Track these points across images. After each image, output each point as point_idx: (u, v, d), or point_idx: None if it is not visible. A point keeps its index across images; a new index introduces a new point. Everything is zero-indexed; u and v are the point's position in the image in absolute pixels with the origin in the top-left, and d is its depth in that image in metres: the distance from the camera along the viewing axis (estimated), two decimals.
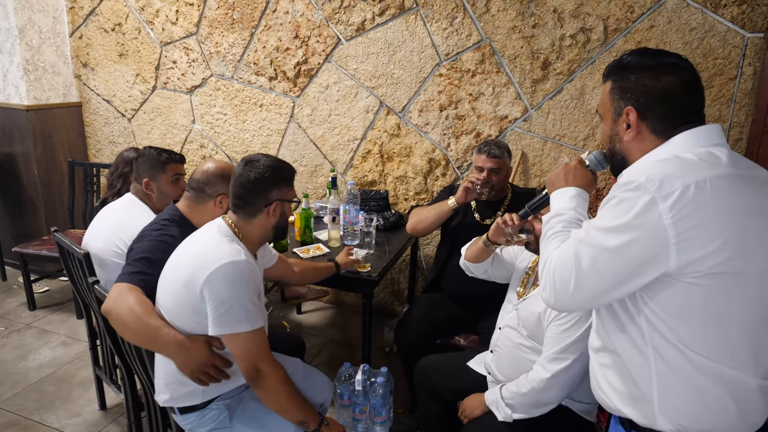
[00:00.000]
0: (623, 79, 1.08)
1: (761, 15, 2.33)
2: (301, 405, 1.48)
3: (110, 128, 3.89)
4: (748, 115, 2.44)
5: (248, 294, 1.39)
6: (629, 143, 1.07)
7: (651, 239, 0.92)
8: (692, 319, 0.96)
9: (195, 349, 1.39)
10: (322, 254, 2.35)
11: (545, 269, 1.05)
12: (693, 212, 0.91)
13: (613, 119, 1.10)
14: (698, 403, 0.98)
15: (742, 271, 0.94)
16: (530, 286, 1.79)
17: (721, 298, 0.94)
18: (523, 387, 1.53)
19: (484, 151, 2.25)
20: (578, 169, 1.21)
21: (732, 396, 0.97)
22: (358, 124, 3.15)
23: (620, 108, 1.08)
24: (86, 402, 2.49)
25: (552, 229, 1.12)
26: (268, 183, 1.47)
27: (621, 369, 1.06)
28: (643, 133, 1.05)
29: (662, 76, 1.04)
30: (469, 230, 2.34)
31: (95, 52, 3.74)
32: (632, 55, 1.08)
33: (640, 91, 1.05)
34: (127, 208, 2.06)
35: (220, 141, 3.55)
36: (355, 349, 2.97)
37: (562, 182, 1.20)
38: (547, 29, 2.65)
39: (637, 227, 0.93)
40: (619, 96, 1.08)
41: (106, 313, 1.50)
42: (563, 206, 1.15)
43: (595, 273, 0.97)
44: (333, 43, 3.08)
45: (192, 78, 3.50)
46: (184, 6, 3.36)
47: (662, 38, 2.48)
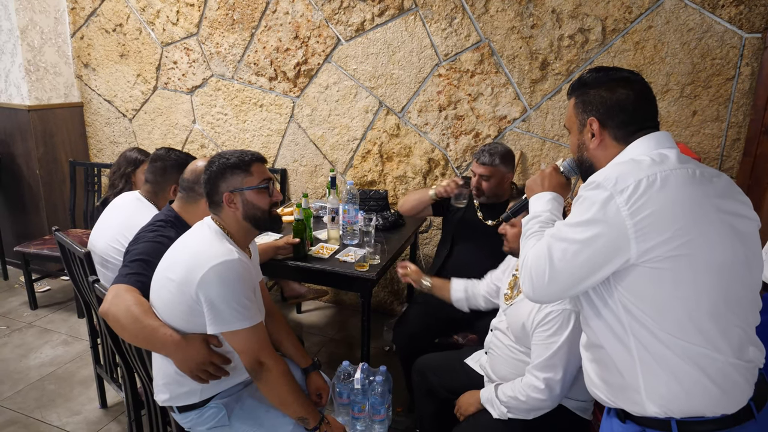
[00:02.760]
0: (584, 94, 1.20)
1: (759, 15, 2.33)
2: (302, 401, 1.50)
3: (111, 128, 3.90)
4: (746, 115, 2.45)
5: (244, 291, 1.40)
6: (594, 151, 1.19)
7: (612, 231, 1.02)
8: (659, 302, 1.03)
9: (192, 348, 1.40)
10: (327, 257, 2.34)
11: (523, 265, 1.15)
12: (646, 203, 1.00)
13: (579, 130, 1.22)
14: (678, 386, 1.04)
15: (696, 253, 1.02)
16: (516, 289, 1.83)
17: (680, 278, 1.02)
18: (519, 394, 1.54)
19: (476, 157, 2.28)
20: (553, 175, 1.32)
21: (707, 375, 1.03)
22: (358, 124, 3.17)
23: (584, 119, 1.19)
24: (87, 400, 2.50)
25: (530, 230, 1.23)
26: (213, 177, 1.48)
27: (608, 361, 1.12)
28: (606, 140, 1.17)
29: (617, 89, 1.16)
30: (472, 230, 2.36)
31: (96, 53, 3.76)
32: (590, 73, 1.21)
33: (599, 102, 1.17)
34: (134, 208, 2.04)
35: (221, 141, 3.57)
36: (354, 348, 2.99)
37: (539, 187, 1.31)
38: (546, 30, 2.65)
39: (599, 221, 1.03)
40: (582, 109, 1.20)
41: (104, 315, 1.50)
42: (540, 209, 1.26)
43: (565, 264, 1.07)
44: (333, 44, 3.09)
45: (192, 78, 3.51)
46: (185, 7, 3.38)
47: (660, 38, 2.48)
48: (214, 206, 1.51)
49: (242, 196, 1.48)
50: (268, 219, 1.53)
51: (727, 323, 1.04)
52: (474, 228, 2.36)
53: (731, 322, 1.05)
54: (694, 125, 2.54)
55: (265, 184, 1.51)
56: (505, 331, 1.74)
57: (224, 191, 1.47)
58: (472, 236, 2.37)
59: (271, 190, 1.52)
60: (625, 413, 1.13)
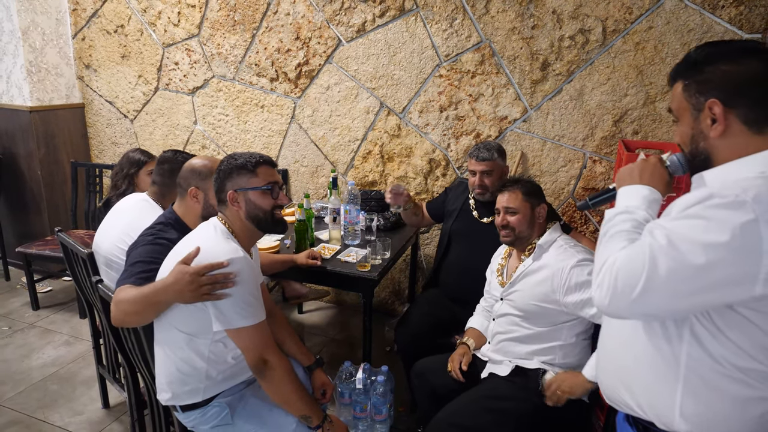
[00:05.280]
0: (696, 73, 0.99)
1: (759, 16, 2.34)
2: (305, 399, 1.50)
3: (113, 129, 3.91)
4: None
5: (249, 289, 1.42)
6: (717, 140, 0.98)
7: (741, 263, 0.85)
8: (742, 342, 0.93)
9: (178, 278, 1.37)
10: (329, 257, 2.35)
11: (606, 267, 0.95)
12: None
13: (694, 117, 1.01)
14: (721, 415, 0.97)
15: None
16: (506, 274, 1.92)
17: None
18: None
19: (473, 155, 2.29)
20: (657, 167, 1.08)
21: (755, 409, 0.96)
22: (359, 124, 3.17)
23: (701, 103, 0.99)
24: (89, 400, 2.51)
25: (616, 226, 1.01)
26: (221, 176, 1.52)
27: (645, 366, 1.03)
28: (733, 126, 0.96)
29: (742, 60, 0.96)
30: (468, 229, 2.36)
31: (98, 54, 3.77)
32: (699, 49, 1.01)
33: (721, 79, 0.96)
34: (141, 209, 2.04)
35: (222, 142, 3.58)
36: (355, 349, 2.99)
37: (636, 178, 1.08)
38: (546, 30, 2.66)
39: (732, 249, 0.85)
40: (697, 90, 0.99)
41: (120, 323, 1.51)
42: (634, 204, 1.04)
43: (669, 286, 0.88)
44: (334, 45, 3.10)
45: (194, 79, 3.52)
46: (186, 8, 3.39)
47: (660, 39, 2.49)
48: (221, 204, 1.54)
49: (245, 196, 1.50)
50: (270, 220, 1.53)
51: None
52: (470, 227, 2.37)
53: None
54: None
55: (269, 187, 1.52)
56: (508, 315, 1.81)
57: (229, 190, 1.50)
58: (468, 235, 2.38)
59: (275, 193, 1.53)
60: (644, 426, 1.06)
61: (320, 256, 2.28)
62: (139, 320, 1.49)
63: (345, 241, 2.53)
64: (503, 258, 1.98)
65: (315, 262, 2.23)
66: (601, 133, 2.69)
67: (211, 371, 1.47)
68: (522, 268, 1.79)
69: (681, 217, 0.91)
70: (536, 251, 1.79)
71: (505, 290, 1.85)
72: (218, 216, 1.54)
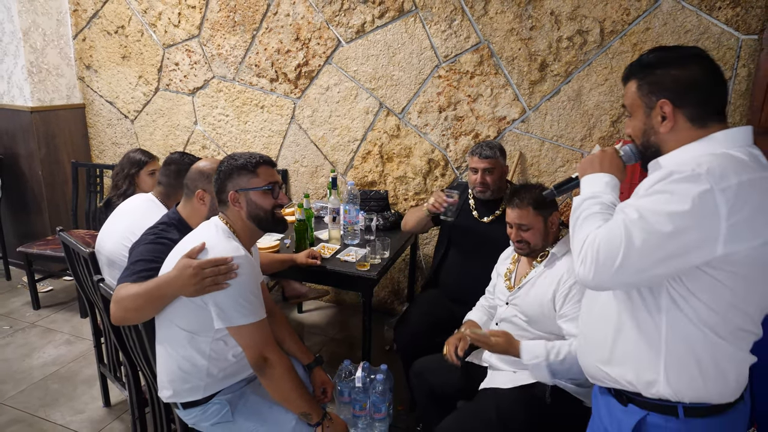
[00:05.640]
0: (649, 74, 1.12)
1: (755, 17, 2.36)
2: (305, 396, 1.52)
3: (113, 129, 3.93)
4: (743, 116, 2.48)
5: (250, 288, 1.44)
6: (665, 135, 1.11)
7: (703, 227, 0.97)
8: (715, 304, 1.03)
9: (181, 272, 1.40)
10: (329, 257, 2.37)
11: (587, 244, 1.05)
12: (744, 206, 0.96)
13: (646, 114, 1.14)
14: (699, 374, 1.07)
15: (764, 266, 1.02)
16: (514, 279, 1.89)
17: (748, 286, 1.02)
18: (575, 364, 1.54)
19: (476, 153, 2.29)
20: (614, 156, 1.22)
21: (731, 368, 1.08)
22: (359, 125, 3.19)
23: (653, 102, 1.12)
24: (90, 399, 2.53)
25: (588, 210, 1.13)
26: (222, 176, 1.54)
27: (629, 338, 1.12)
28: (679, 123, 1.09)
29: (689, 66, 1.09)
30: (468, 228, 2.38)
31: (98, 55, 3.78)
32: (652, 53, 1.14)
33: (671, 81, 1.09)
34: (146, 209, 2.05)
35: (222, 142, 3.59)
36: (355, 348, 3.01)
37: (597, 167, 1.21)
38: (545, 31, 2.68)
39: (693, 215, 0.97)
40: (650, 90, 1.12)
41: (121, 321, 1.53)
42: (599, 189, 1.17)
43: (643, 253, 0.99)
44: (333, 45, 3.12)
45: (194, 80, 3.54)
46: (186, 9, 3.40)
47: (658, 40, 2.51)
48: (222, 205, 1.56)
49: (246, 196, 1.52)
50: (271, 220, 1.55)
51: (759, 326, 1.10)
52: (469, 226, 2.38)
53: (759, 322, 1.10)
54: None
55: (269, 186, 1.53)
56: (513, 319, 1.78)
57: (230, 190, 1.51)
58: (468, 235, 2.39)
59: (276, 192, 1.55)
60: (628, 397, 1.14)
61: (320, 256, 2.29)
62: (139, 317, 1.50)
63: (344, 240, 2.54)
64: (512, 262, 1.94)
65: (315, 262, 2.24)
66: (598, 133, 2.70)
67: (212, 369, 1.49)
68: (533, 275, 1.77)
69: (648, 194, 1.03)
70: (549, 259, 1.76)
71: (512, 294, 1.83)
72: (219, 215, 1.56)
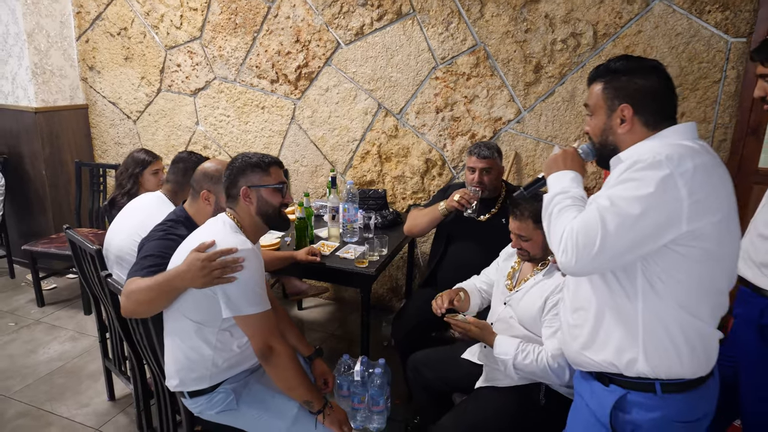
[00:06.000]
0: (615, 80, 1.23)
1: (744, 20, 2.42)
2: (307, 385, 1.58)
3: (116, 130, 3.99)
4: (732, 116, 2.54)
5: (256, 279, 1.51)
6: (622, 135, 1.23)
7: (668, 207, 1.08)
8: (683, 279, 1.13)
9: (191, 265, 1.47)
10: (328, 254, 2.43)
11: (566, 235, 1.14)
12: (701, 186, 1.08)
13: (607, 115, 1.25)
14: (674, 351, 1.16)
15: (728, 237, 1.14)
16: (516, 280, 1.91)
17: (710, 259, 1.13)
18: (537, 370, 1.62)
19: (474, 153, 2.35)
20: (575, 155, 1.33)
21: (700, 344, 1.17)
22: (357, 125, 3.25)
23: (615, 105, 1.23)
24: (95, 393, 2.58)
25: (560, 204, 1.22)
26: (235, 172, 1.61)
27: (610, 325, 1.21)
28: (636, 126, 1.21)
29: (650, 77, 1.21)
30: (465, 226, 2.44)
31: (101, 56, 3.84)
32: (619, 61, 1.24)
33: (634, 89, 1.21)
34: (156, 206, 2.11)
35: (223, 142, 3.65)
36: (354, 344, 3.07)
37: (561, 165, 1.31)
38: (539, 34, 2.74)
39: (658, 197, 1.08)
40: (614, 95, 1.23)
41: (131, 314, 1.58)
42: (566, 185, 1.26)
43: (618, 236, 1.09)
44: (333, 47, 3.18)
45: (196, 81, 3.60)
46: (188, 11, 3.46)
47: (649, 43, 2.57)
48: (231, 200, 1.63)
49: (258, 193, 1.59)
50: (278, 217, 1.64)
51: (723, 300, 1.20)
52: (467, 225, 2.44)
53: (725, 298, 1.20)
54: None
55: (280, 186, 1.63)
56: (509, 320, 1.81)
57: (242, 186, 1.58)
58: (466, 233, 2.45)
59: (284, 192, 1.64)
60: (609, 378, 1.23)
61: (320, 253, 2.35)
62: (150, 309, 1.56)
63: (344, 238, 2.60)
64: (516, 261, 1.95)
65: (315, 259, 2.30)
66: None
67: (217, 359, 1.55)
68: (532, 282, 1.80)
69: (616, 183, 1.14)
70: (549, 269, 1.78)
71: (510, 295, 1.86)
72: (227, 212, 1.62)
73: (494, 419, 1.69)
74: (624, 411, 1.21)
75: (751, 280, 1.61)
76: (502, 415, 1.69)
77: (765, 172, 2.54)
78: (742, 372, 1.71)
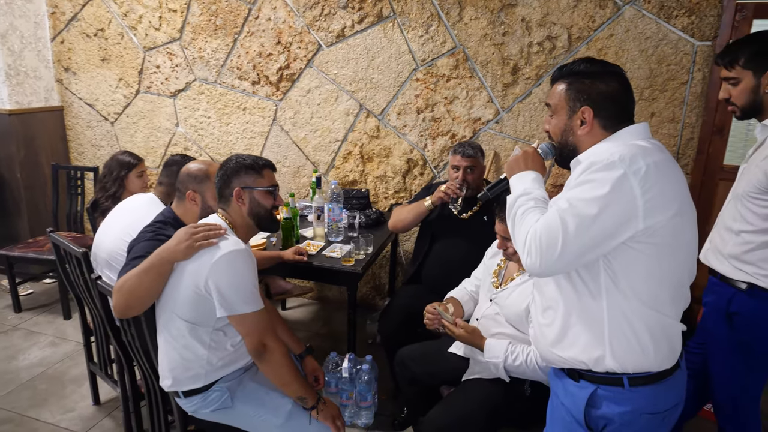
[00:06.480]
0: (578, 82, 1.26)
1: (708, 25, 2.55)
2: (301, 381, 1.62)
3: (93, 132, 3.94)
4: (698, 116, 2.66)
5: (251, 279, 1.54)
6: (582, 136, 1.27)
7: (625, 206, 1.12)
8: (643, 275, 1.17)
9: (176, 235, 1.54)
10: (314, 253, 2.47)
11: (529, 237, 1.17)
12: (654, 184, 1.12)
13: (568, 116, 1.28)
14: (639, 346, 1.20)
15: (683, 232, 1.18)
16: (503, 278, 1.96)
17: (668, 254, 1.17)
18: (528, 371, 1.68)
19: (459, 151, 2.42)
20: (535, 155, 1.36)
21: (664, 337, 1.22)
22: (339, 126, 3.29)
23: (576, 107, 1.26)
24: (80, 398, 2.56)
25: (523, 206, 1.25)
26: (228, 173, 1.64)
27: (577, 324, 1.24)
28: (595, 128, 1.25)
29: (612, 82, 1.24)
30: (448, 224, 2.50)
31: (77, 57, 3.79)
32: (582, 63, 1.28)
33: (596, 93, 1.24)
34: (147, 208, 2.11)
35: (204, 144, 3.65)
36: (339, 342, 3.10)
37: (522, 166, 1.34)
38: (516, 37, 2.83)
39: (613, 197, 1.11)
40: (576, 97, 1.26)
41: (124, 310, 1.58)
42: (528, 186, 1.29)
43: (579, 237, 1.12)
44: (314, 49, 3.21)
45: (175, 82, 3.58)
46: (167, 12, 3.45)
47: (621, 46, 2.68)
48: (224, 200, 1.66)
49: (251, 194, 1.63)
50: (270, 219, 1.67)
51: (684, 293, 1.25)
52: (450, 223, 2.51)
53: (686, 291, 1.25)
54: (653, 126, 2.74)
55: (273, 188, 1.66)
56: (495, 317, 1.86)
57: (235, 186, 1.61)
58: (450, 231, 2.51)
59: (276, 194, 1.67)
60: (579, 374, 1.27)
61: (306, 252, 2.39)
62: (144, 297, 1.56)
63: (329, 237, 2.64)
64: (502, 259, 2.00)
65: (302, 258, 2.34)
66: None
67: (211, 358, 1.58)
68: (519, 281, 1.85)
69: (574, 186, 1.18)
70: None
71: (496, 293, 1.91)
72: (219, 212, 1.65)
73: (481, 409, 1.75)
74: (595, 406, 1.25)
75: (720, 271, 1.71)
76: (489, 405, 1.75)
77: (730, 169, 2.67)
78: (711, 358, 1.81)
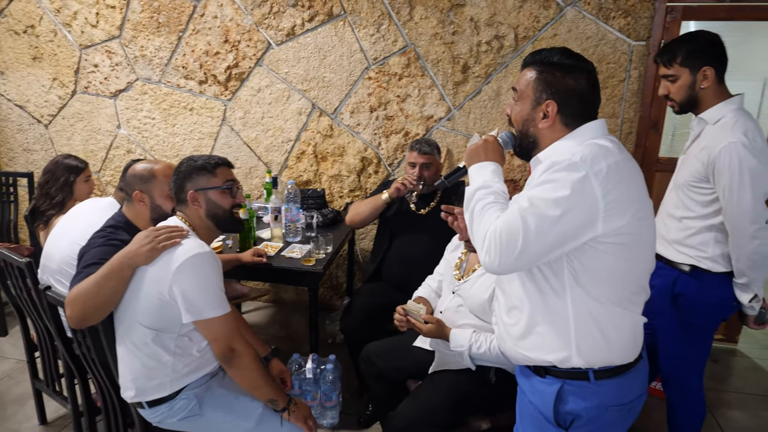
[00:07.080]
0: (549, 73, 1.22)
1: (643, 26, 2.71)
2: (271, 384, 1.59)
3: (24, 135, 3.69)
4: (636, 111, 2.83)
5: (216, 282, 1.49)
6: (543, 130, 1.24)
7: (585, 208, 1.10)
8: (605, 274, 1.17)
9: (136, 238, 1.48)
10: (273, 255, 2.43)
11: (489, 235, 1.15)
12: (615, 186, 1.11)
13: (532, 106, 1.24)
14: (604, 342, 1.20)
15: (643, 231, 1.18)
16: (464, 270, 2.01)
17: (629, 254, 1.17)
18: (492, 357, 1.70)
19: (415, 148, 2.46)
20: (495, 144, 1.32)
21: (629, 331, 1.23)
22: (292, 125, 3.25)
23: (541, 99, 1.22)
24: (24, 418, 2.40)
25: (482, 200, 1.22)
26: (181, 177, 1.59)
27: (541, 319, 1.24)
28: (556, 124, 1.22)
29: (581, 79, 1.21)
30: (406, 220, 2.54)
31: (5, 56, 3.54)
32: (557, 54, 1.23)
33: (564, 89, 1.21)
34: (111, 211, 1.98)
35: (149, 146, 3.50)
36: (298, 344, 3.07)
37: (482, 156, 1.30)
38: (465, 36, 2.90)
39: (574, 199, 1.10)
40: (543, 88, 1.22)
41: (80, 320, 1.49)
42: (487, 179, 1.25)
43: (539, 237, 1.11)
44: (263, 48, 3.16)
45: (116, 82, 3.42)
46: (105, 9, 3.29)
47: (564, 45, 2.79)
48: (180, 204, 1.60)
49: (206, 196, 1.57)
50: (230, 219, 1.62)
51: (645, 287, 1.26)
52: (408, 219, 2.54)
53: (646, 285, 1.26)
54: None
55: (228, 185, 1.60)
56: (458, 308, 1.89)
57: (189, 190, 1.56)
58: (408, 227, 2.55)
59: (234, 191, 1.61)
60: (545, 370, 1.26)
61: (265, 254, 2.35)
62: (101, 307, 1.49)
63: (287, 238, 2.61)
64: (463, 252, 2.02)
65: (261, 260, 2.30)
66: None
67: (177, 365, 1.52)
68: (481, 272, 1.86)
69: (536, 185, 1.16)
70: None
71: (458, 285, 1.92)
72: (177, 215, 1.59)
73: (448, 399, 1.78)
74: (562, 402, 1.24)
75: (665, 255, 1.83)
76: (456, 394, 1.79)
77: (665, 161, 2.86)
78: (659, 337, 1.93)
